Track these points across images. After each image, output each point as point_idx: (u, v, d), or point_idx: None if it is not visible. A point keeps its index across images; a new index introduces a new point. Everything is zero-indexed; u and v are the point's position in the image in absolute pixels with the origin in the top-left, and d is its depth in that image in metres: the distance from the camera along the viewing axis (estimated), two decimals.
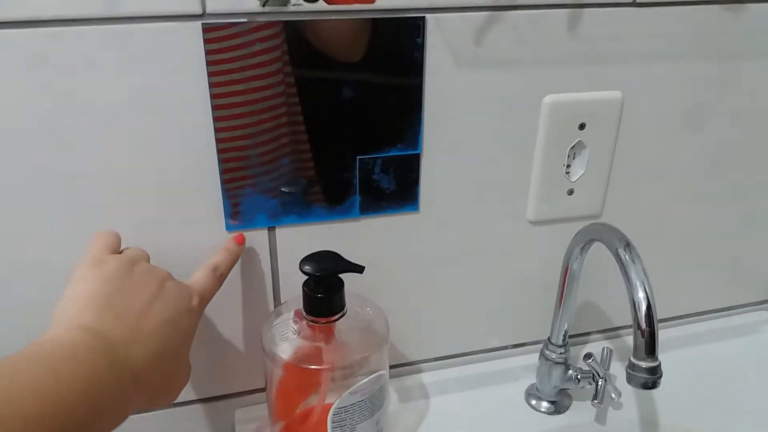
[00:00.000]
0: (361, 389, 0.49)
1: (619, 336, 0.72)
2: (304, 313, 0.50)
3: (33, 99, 0.44)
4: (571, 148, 0.58)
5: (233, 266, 0.51)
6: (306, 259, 0.48)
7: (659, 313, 0.69)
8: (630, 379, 0.46)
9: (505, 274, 0.63)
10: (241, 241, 0.52)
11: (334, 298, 0.49)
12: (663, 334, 0.69)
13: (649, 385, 0.45)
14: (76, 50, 0.43)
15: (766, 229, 0.71)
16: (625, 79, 0.57)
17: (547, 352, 0.62)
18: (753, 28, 0.58)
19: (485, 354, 0.67)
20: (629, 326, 0.71)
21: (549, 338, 0.62)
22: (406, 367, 0.65)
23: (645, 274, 0.46)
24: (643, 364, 0.45)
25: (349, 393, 0.48)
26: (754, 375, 0.68)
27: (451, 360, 0.66)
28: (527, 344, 0.68)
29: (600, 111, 0.57)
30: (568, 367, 0.61)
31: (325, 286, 0.49)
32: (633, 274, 0.46)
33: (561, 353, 0.61)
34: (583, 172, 0.59)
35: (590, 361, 0.60)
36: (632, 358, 0.46)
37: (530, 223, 0.61)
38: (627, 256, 0.47)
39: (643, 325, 0.45)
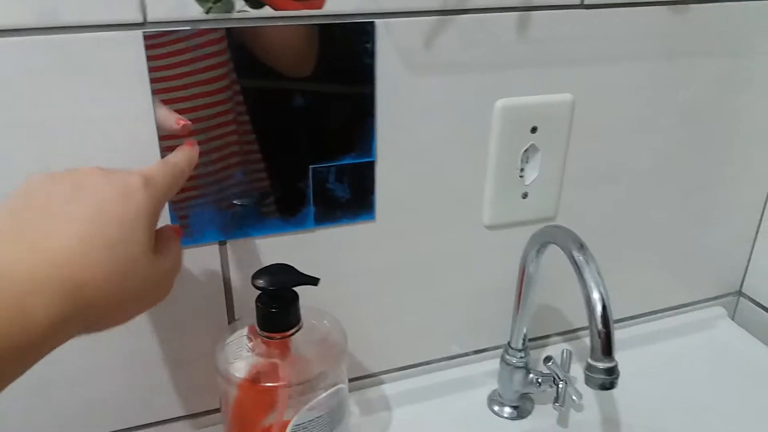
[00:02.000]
0: (320, 405, 0.47)
1: (578, 338, 0.72)
2: (258, 329, 0.48)
3: None
4: (524, 151, 0.58)
5: (191, 166, 0.43)
6: (258, 273, 0.46)
7: (616, 314, 0.70)
8: (588, 381, 0.46)
9: (464, 279, 0.63)
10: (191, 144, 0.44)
11: (288, 313, 0.47)
12: (620, 334, 0.71)
13: (607, 385, 0.45)
14: (10, 62, 0.41)
15: (717, 227, 0.72)
16: (576, 81, 0.57)
17: (508, 357, 0.61)
18: (699, 28, 0.59)
19: (447, 362, 0.66)
20: (586, 327, 0.72)
21: (509, 343, 0.61)
22: (367, 379, 0.64)
23: (599, 275, 0.46)
24: (600, 365, 0.45)
25: (307, 409, 0.47)
26: (711, 370, 0.69)
27: (412, 369, 0.65)
28: (488, 350, 0.67)
29: (551, 114, 0.57)
30: (528, 371, 0.61)
31: (279, 300, 0.47)
32: (588, 276, 0.46)
33: (521, 357, 0.61)
34: (536, 175, 0.59)
35: (550, 364, 0.60)
36: (589, 360, 0.46)
37: (487, 227, 0.61)
38: (581, 258, 0.47)
39: (599, 326, 0.45)
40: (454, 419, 0.63)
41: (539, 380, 0.61)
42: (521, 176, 0.59)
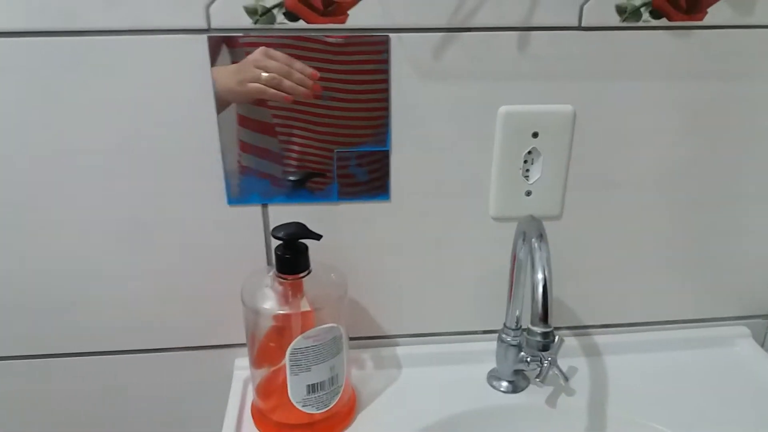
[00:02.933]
0: (315, 335, 0.59)
1: (588, 334, 0.77)
2: (276, 273, 0.61)
3: (75, 91, 0.59)
4: (529, 153, 0.66)
5: None
6: (276, 227, 0.59)
7: (628, 317, 0.75)
8: (527, 343, 0.54)
9: (473, 264, 0.71)
10: None
11: (299, 260, 0.60)
12: (631, 337, 0.76)
13: (540, 347, 0.53)
14: (106, 54, 0.58)
15: (739, 245, 0.74)
16: (576, 94, 0.64)
17: (503, 335, 0.69)
18: (702, 51, 0.63)
19: (457, 336, 0.75)
20: (598, 326, 0.77)
21: (504, 323, 0.69)
22: (383, 339, 0.75)
23: (547, 260, 0.54)
24: (538, 330, 0.53)
25: (303, 337, 0.59)
26: (715, 382, 0.72)
27: (425, 338, 0.75)
28: (497, 331, 0.75)
29: (552, 122, 0.65)
30: (520, 350, 0.69)
31: (293, 249, 0.60)
32: (537, 259, 0.54)
33: (515, 336, 0.68)
34: (539, 176, 0.67)
35: None
36: (530, 326, 0.53)
37: (493, 219, 0.69)
38: (536, 244, 0.55)
39: (540, 299, 0.53)
40: (454, 386, 0.71)
41: (528, 359, 0.68)
42: (526, 176, 0.67)
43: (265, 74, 0.60)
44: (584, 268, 0.73)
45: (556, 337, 0.53)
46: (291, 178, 0.66)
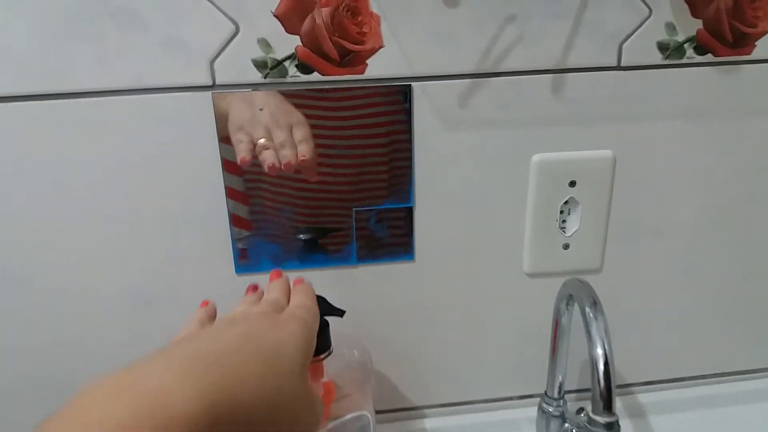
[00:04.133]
0: (342, 426, 0.52)
1: (631, 393, 0.71)
2: None
3: (74, 155, 0.53)
4: (565, 203, 0.60)
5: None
6: None
7: (672, 371, 0.69)
8: None
9: (506, 324, 0.65)
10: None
11: (320, 339, 0.53)
12: (678, 394, 0.69)
13: None
14: (107, 116, 0.52)
15: None
16: (616, 138, 0.59)
17: (544, 405, 0.63)
18: (750, 87, 0.58)
19: (491, 404, 0.69)
20: (641, 383, 0.71)
21: (545, 391, 0.63)
22: (410, 412, 0.68)
23: (606, 332, 0.48)
24: (601, 420, 0.46)
25: (329, 429, 0.52)
26: None
27: (454, 407, 0.68)
28: (534, 396, 0.69)
29: (590, 169, 0.59)
30: (564, 420, 0.62)
31: None
32: (594, 331, 0.48)
33: (557, 406, 0.62)
34: (577, 227, 0.61)
35: (582, 415, 0.61)
36: (591, 414, 0.47)
37: (528, 275, 0.63)
38: (591, 314, 0.49)
39: (601, 382, 0.46)
40: None
41: (574, 430, 0.61)
42: (563, 228, 0.61)
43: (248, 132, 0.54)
44: (627, 322, 0.67)
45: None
46: (302, 236, 0.59)
